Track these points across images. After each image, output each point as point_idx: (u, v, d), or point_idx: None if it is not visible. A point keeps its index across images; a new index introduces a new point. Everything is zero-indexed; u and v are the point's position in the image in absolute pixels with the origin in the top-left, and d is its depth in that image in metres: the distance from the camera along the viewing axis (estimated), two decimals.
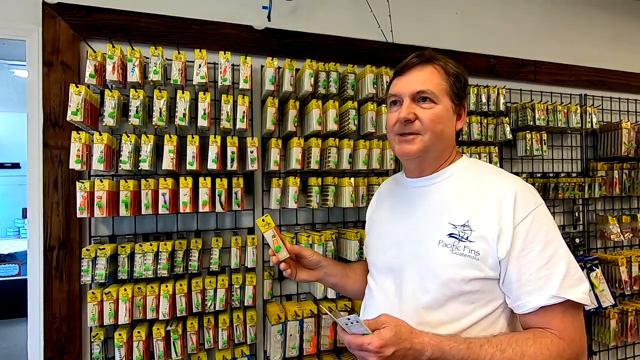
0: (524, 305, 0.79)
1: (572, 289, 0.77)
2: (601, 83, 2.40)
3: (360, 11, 1.85)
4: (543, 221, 0.81)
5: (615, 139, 2.25)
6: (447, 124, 0.89)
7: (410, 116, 0.86)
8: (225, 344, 1.54)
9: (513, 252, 0.79)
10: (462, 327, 0.82)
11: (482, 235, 0.81)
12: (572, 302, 0.77)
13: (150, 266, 1.43)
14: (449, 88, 0.89)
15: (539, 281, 0.77)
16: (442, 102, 0.88)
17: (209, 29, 1.66)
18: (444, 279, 0.82)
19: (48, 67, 1.46)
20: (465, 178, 0.90)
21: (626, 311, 2.14)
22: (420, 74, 0.88)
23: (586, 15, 2.44)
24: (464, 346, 0.76)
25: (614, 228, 2.21)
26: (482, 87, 1.99)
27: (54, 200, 1.45)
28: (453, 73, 0.90)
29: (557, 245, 0.80)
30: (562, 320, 0.77)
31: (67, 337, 1.45)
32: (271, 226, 1.00)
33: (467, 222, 0.83)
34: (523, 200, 0.81)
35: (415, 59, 0.90)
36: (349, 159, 1.65)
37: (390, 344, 0.72)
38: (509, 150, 2.17)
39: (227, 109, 1.51)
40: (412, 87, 0.87)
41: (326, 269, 1.07)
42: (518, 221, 0.79)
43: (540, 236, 0.79)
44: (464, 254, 0.81)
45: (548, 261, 0.78)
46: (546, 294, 0.77)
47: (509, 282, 0.81)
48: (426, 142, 0.87)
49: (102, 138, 1.35)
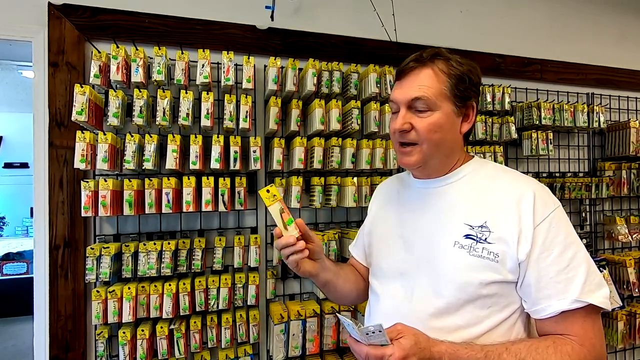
0: (543, 310, 0.76)
1: (593, 293, 0.74)
2: (609, 81, 2.36)
3: (363, 10, 1.84)
4: (562, 223, 0.78)
5: (623, 138, 2.22)
6: (448, 131, 0.84)
7: (406, 127, 0.83)
8: (228, 343, 1.54)
9: (532, 255, 0.76)
10: (479, 332, 0.79)
11: (501, 237, 0.78)
12: (593, 307, 0.74)
13: (154, 265, 1.44)
14: (450, 91, 0.83)
15: (559, 285, 0.75)
16: (441, 108, 0.83)
17: (212, 29, 1.67)
18: (460, 282, 0.79)
19: (54, 67, 1.48)
20: (479, 178, 0.87)
21: (634, 313, 2.11)
22: (417, 79, 0.83)
23: (593, 13, 2.41)
24: (482, 355, 0.73)
25: (621, 229, 2.17)
26: (487, 86, 1.97)
27: (59, 200, 1.47)
28: (455, 74, 0.84)
29: (576, 248, 0.77)
30: (582, 326, 0.75)
31: (72, 334, 1.47)
32: (277, 198, 0.85)
33: (484, 223, 0.80)
34: (542, 202, 0.79)
35: (412, 63, 0.85)
36: (352, 158, 1.65)
37: (411, 354, 0.70)
38: (514, 150, 2.15)
39: (230, 109, 1.51)
40: (408, 94, 0.83)
41: (324, 261, 0.97)
42: (538, 222, 0.77)
43: (560, 238, 0.77)
44: (482, 256, 0.78)
45: (568, 264, 0.75)
46: (568, 298, 0.74)
47: (527, 285, 0.78)
48: (424, 152, 0.84)
49: (106, 138, 1.36)
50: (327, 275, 0.98)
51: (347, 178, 1.66)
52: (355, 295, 1.07)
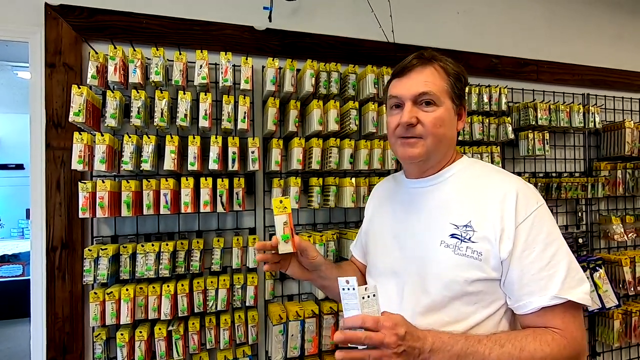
0: (525, 306, 0.79)
1: (573, 289, 0.77)
2: (604, 82, 2.38)
3: (361, 11, 1.85)
4: (544, 221, 0.81)
5: (618, 138, 2.24)
6: (449, 126, 0.89)
7: (413, 120, 0.85)
8: (226, 344, 1.54)
9: (515, 253, 0.79)
10: (464, 328, 0.82)
11: (484, 236, 0.80)
12: (573, 303, 0.77)
13: (152, 266, 1.44)
14: (450, 89, 0.88)
15: (541, 282, 0.77)
16: (444, 104, 0.87)
17: (210, 30, 1.67)
18: (446, 280, 0.82)
19: (50, 68, 1.47)
20: (466, 178, 0.90)
21: (630, 312, 2.13)
22: (421, 76, 0.87)
23: (588, 14, 2.43)
24: (462, 338, 0.76)
25: (617, 228, 2.19)
26: (484, 87, 1.99)
27: (57, 201, 1.46)
28: (453, 73, 0.89)
29: (558, 246, 0.79)
30: (562, 320, 0.77)
31: (69, 337, 1.46)
32: (287, 211, 0.90)
33: (469, 223, 0.83)
34: (525, 200, 0.81)
35: (415, 60, 0.89)
36: (350, 159, 1.65)
37: (401, 324, 0.72)
38: (511, 150, 2.16)
39: (228, 110, 1.51)
40: (414, 89, 0.86)
41: (322, 272, 0.99)
42: (520, 221, 0.79)
43: (542, 236, 0.79)
44: (467, 255, 0.81)
45: (549, 261, 0.78)
46: (548, 295, 0.76)
47: (510, 282, 0.80)
48: (429, 146, 0.87)
49: (104, 139, 1.35)
50: (324, 282, 1.01)
51: (345, 178, 1.66)
52: None
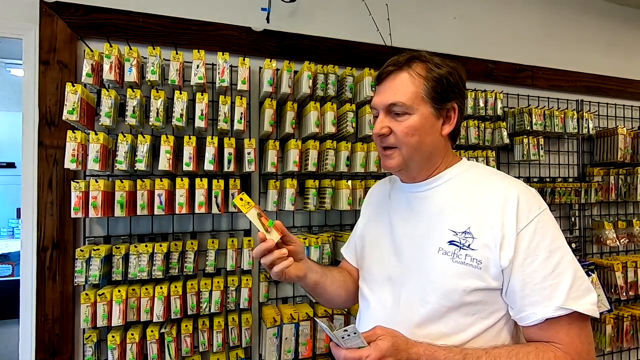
0: (528, 317, 0.75)
1: (579, 299, 0.73)
2: (598, 89, 2.41)
3: (359, 14, 1.86)
4: (548, 227, 0.77)
5: (611, 144, 2.27)
6: (427, 133, 0.84)
7: (384, 131, 0.84)
8: (220, 347, 1.52)
9: (516, 260, 0.75)
10: (463, 339, 0.78)
11: (484, 243, 0.77)
12: (579, 314, 0.73)
13: (145, 267, 1.42)
14: (427, 94, 0.83)
15: (544, 291, 0.73)
16: (418, 111, 0.83)
17: (207, 30, 1.66)
18: (444, 289, 0.78)
19: (45, 66, 1.45)
20: (465, 182, 0.86)
21: (622, 316, 2.14)
22: (392, 84, 0.84)
23: (583, 22, 2.46)
24: (460, 357, 0.73)
25: (610, 233, 2.21)
26: (480, 92, 2.00)
27: (48, 200, 1.44)
28: (433, 77, 0.83)
29: (563, 253, 0.75)
30: (567, 334, 0.73)
31: (59, 338, 1.43)
32: (252, 204, 0.86)
33: (468, 229, 0.79)
34: (526, 205, 0.77)
35: (390, 67, 0.86)
36: (346, 161, 1.65)
37: (388, 356, 0.70)
38: (506, 155, 2.17)
39: (225, 110, 1.51)
40: (385, 99, 0.85)
41: (307, 261, 0.93)
42: (521, 227, 0.76)
43: (545, 243, 0.75)
44: (466, 263, 0.77)
45: (553, 270, 0.74)
46: (552, 305, 0.72)
47: (512, 292, 0.76)
48: (404, 155, 0.85)
49: (98, 138, 1.34)
50: (315, 276, 0.94)
51: (341, 181, 1.66)
52: (344, 296, 1.04)
